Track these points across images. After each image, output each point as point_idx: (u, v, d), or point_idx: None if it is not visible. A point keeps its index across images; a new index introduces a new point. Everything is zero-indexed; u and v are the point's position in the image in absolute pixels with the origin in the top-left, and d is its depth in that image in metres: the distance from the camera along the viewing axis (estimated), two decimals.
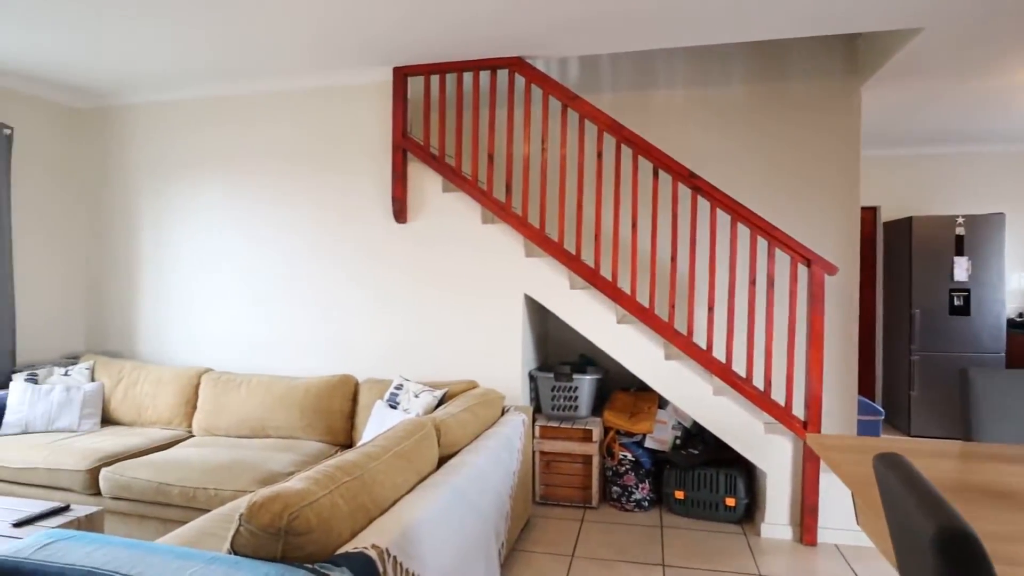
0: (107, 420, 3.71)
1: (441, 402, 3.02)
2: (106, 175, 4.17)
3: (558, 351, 4.19)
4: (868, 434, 4.17)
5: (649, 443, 3.51)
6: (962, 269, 4.85)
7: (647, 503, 3.44)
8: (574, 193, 4.07)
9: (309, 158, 3.75)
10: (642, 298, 3.85)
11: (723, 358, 3.72)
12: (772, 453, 3.07)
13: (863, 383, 5.62)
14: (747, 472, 3.34)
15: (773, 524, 3.07)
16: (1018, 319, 5.19)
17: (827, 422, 3.71)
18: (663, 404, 3.62)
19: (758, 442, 3.09)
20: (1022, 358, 4.91)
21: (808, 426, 3.00)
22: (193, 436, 3.55)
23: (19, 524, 2.17)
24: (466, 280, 3.49)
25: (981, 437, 2.03)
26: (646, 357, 3.25)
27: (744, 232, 3.78)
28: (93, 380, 3.74)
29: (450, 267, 3.51)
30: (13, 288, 3.72)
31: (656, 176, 3.22)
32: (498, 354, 3.45)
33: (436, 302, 3.54)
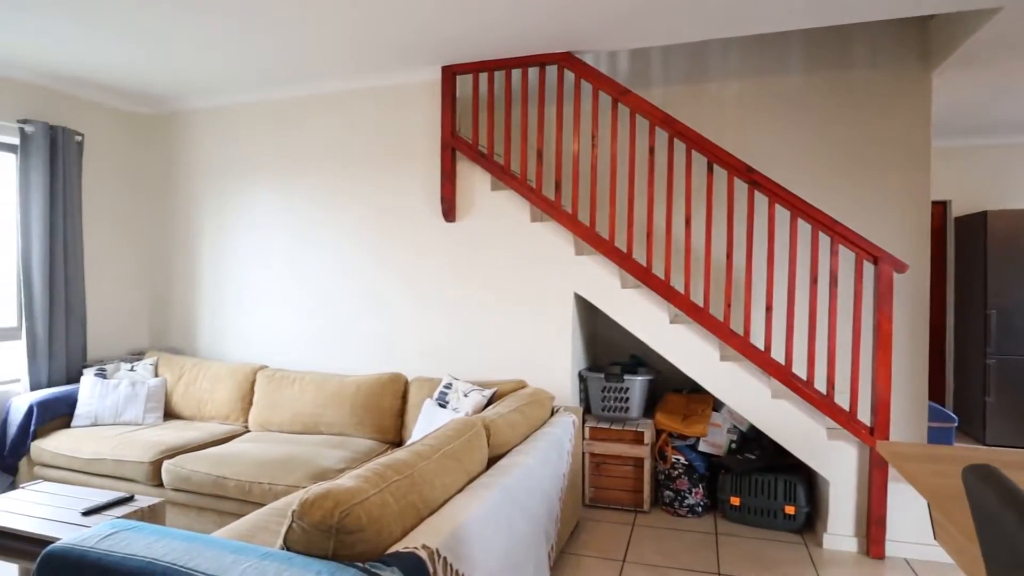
0: (169, 414, 3.85)
1: (490, 401, 3.00)
2: (168, 178, 4.33)
3: (608, 351, 4.11)
4: (940, 442, 3.93)
5: (703, 447, 3.40)
6: None
7: (701, 509, 3.33)
8: (625, 190, 3.99)
9: (359, 158, 3.79)
10: (696, 297, 3.74)
11: (782, 360, 3.57)
12: (836, 460, 2.92)
13: (933, 388, 5.31)
14: (808, 479, 3.19)
15: (836, 535, 2.92)
16: None
17: (895, 429, 3.51)
18: (718, 407, 3.50)
19: (820, 448, 2.95)
20: None
21: (875, 432, 2.84)
22: (249, 431, 3.64)
23: (88, 513, 2.26)
24: (515, 279, 3.46)
25: None
26: (700, 358, 3.14)
27: (805, 228, 3.62)
28: (156, 376, 3.89)
29: (498, 266, 3.49)
30: (84, 287, 3.91)
31: (711, 171, 3.11)
32: (547, 354, 3.41)
33: (485, 301, 3.53)
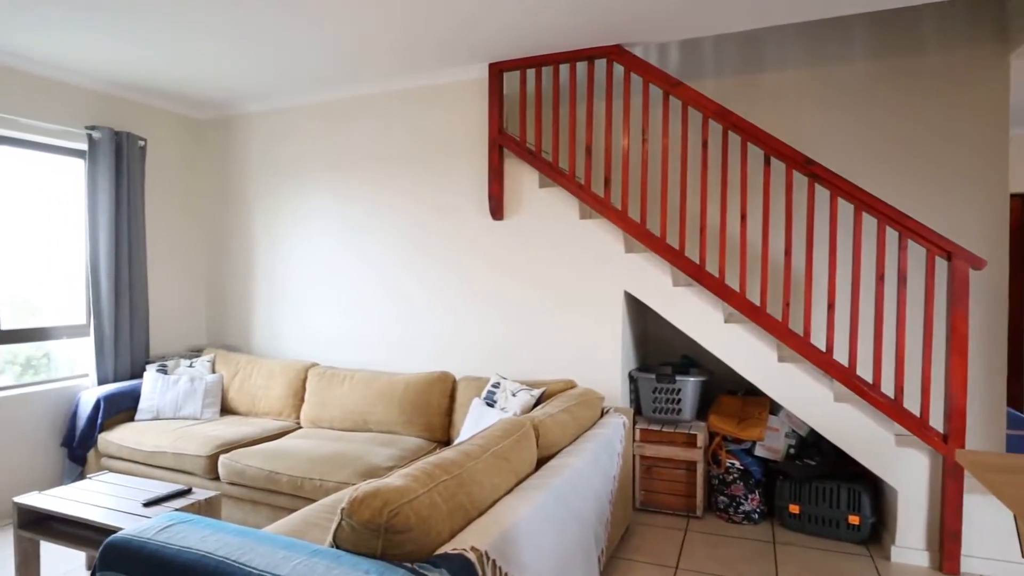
0: (225, 409, 3.96)
1: (539, 401, 2.96)
2: (225, 181, 4.46)
3: (659, 351, 4.01)
4: (1020, 450, 3.67)
5: (759, 451, 3.27)
6: None
7: (757, 516, 3.21)
8: (677, 185, 3.88)
9: (406, 158, 3.81)
10: (752, 296, 3.61)
11: (846, 361, 3.40)
12: (905, 469, 2.75)
13: (1011, 392, 4.97)
14: (873, 488, 3.03)
15: (906, 548, 2.75)
16: None
17: (970, 436, 3.29)
18: (775, 410, 3.36)
19: (888, 456, 2.78)
20: None
21: (949, 440, 2.66)
22: (300, 427, 3.71)
23: (148, 504, 2.33)
24: (563, 277, 3.41)
25: None
26: (757, 359, 3.02)
27: (870, 223, 3.43)
28: (214, 372, 4.01)
29: (547, 264, 3.44)
30: (147, 287, 4.06)
31: (767, 164, 2.99)
32: (596, 353, 3.34)
33: (533, 299, 3.49)
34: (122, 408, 3.63)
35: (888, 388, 3.35)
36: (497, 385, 3.10)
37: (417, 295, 3.80)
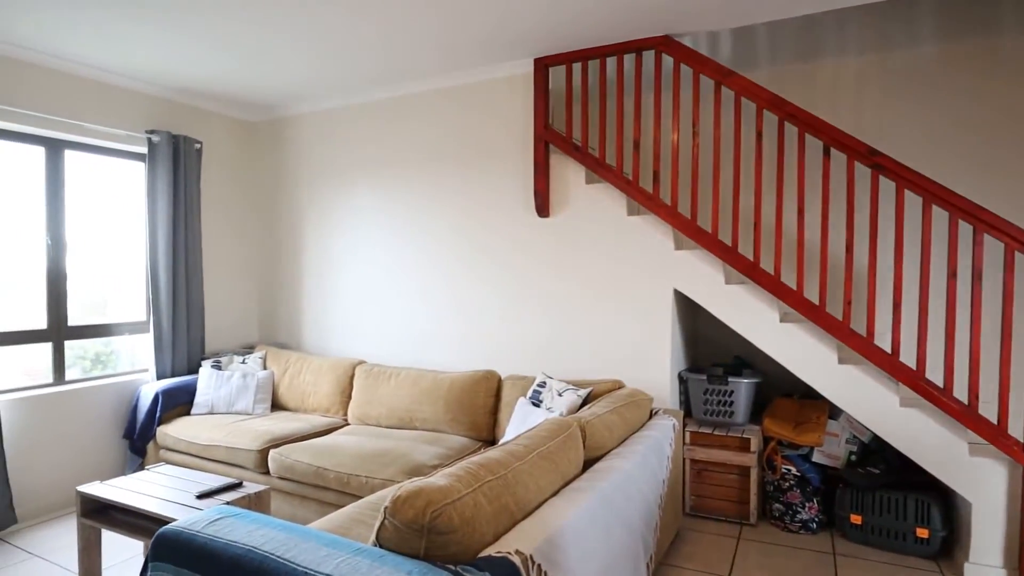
0: (275, 405, 4.04)
1: (585, 401, 2.90)
2: (277, 181, 4.56)
3: (710, 351, 3.88)
4: None
5: (817, 457, 3.12)
6: None
7: (815, 525, 3.06)
8: (730, 179, 3.75)
9: (452, 155, 3.80)
10: (811, 294, 3.45)
11: (913, 364, 3.21)
12: (980, 480, 2.57)
13: None
14: (943, 499, 2.84)
15: (981, 564, 2.57)
16: None
17: None
18: (834, 414, 3.20)
19: (960, 466, 2.60)
20: None
21: None
22: (348, 424, 3.75)
23: (201, 496, 2.38)
24: (611, 274, 3.33)
25: None
26: (815, 360, 2.88)
27: (940, 216, 3.23)
28: (265, 368, 4.10)
29: (594, 261, 3.38)
30: (203, 285, 4.19)
31: (827, 155, 2.84)
32: (645, 353, 3.25)
33: (579, 297, 3.42)
34: (179, 402, 3.75)
35: (961, 393, 3.14)
36: (543, 384, 3.06)
37: (463, 293, 3.79)
